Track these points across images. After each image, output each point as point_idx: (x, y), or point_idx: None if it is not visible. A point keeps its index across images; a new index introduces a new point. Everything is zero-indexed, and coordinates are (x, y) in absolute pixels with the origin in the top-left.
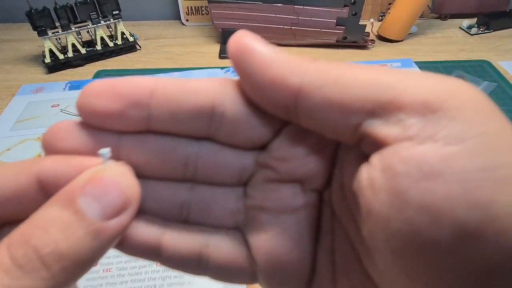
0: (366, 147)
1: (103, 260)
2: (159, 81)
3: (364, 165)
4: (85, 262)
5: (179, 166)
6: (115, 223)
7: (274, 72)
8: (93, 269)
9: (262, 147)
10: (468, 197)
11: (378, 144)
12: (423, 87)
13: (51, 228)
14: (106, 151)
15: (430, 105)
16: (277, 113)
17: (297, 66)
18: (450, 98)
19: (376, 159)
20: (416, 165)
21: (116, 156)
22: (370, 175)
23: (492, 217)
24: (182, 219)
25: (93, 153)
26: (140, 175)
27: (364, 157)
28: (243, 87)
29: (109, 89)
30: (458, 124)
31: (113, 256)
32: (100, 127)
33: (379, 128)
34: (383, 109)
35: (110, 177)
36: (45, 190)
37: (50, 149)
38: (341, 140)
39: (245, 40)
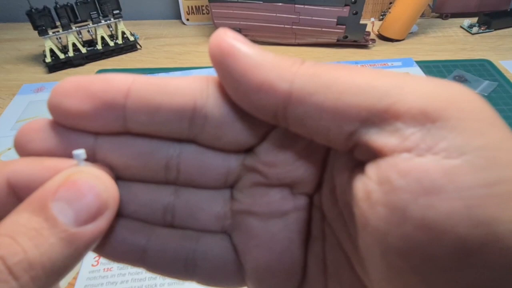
0: (360, 155)
1: (103, 260)
2: (136, 79)
3: (359, 176)
4: (58, 270)
5: (160, 169)
6: (90, 228)
7: (261, 77)
8: (94, 268)
9: (248, 150)
10: (471, 214)
11: (373, 154)
12: (421, 94)
13: (19, 236)
14: (80, 152)
15: (429, 114)
16: (264, 119)
17: (285, 69)
18: (450, 107)
19: (372, 170)
20: (415, 179)
21: (92, 158)
22: (366, 187)
23: (495, 235)
24: (167, 224)
25: (67, 154)
26: (120, 177)
27: (357, 164)
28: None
29: (81, 88)
30: (459, 135)
31: None
32: (74, 128)
33: (375, 137)
34: (379, 117)
35: (85, 180)
36: (16, 194)
37: (21, 150)
38: (333, 147)
39: (228, 41)
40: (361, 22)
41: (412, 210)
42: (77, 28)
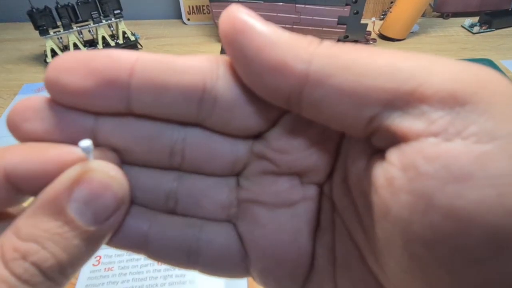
0: (379, 141)
1: (104, 260)
2: (141, 56)
3: (379, 162)
4: (81, 264)
5: (164, 154)
6: (108, 224)
7: (276, 56)
8: (95, 268)
9: (257, 136)
10: (503, 202)
11: (396, 139)
12: (449, 76)
13: (46, 242)
14: (87, 145)
15: (458, 97)
16: (276, 103)
17: (302, 49)
18: (480, 90)
19: (394, 156)
20: (443, 165)
21: (93, 141)
22: (388, 173)
23: None
24: (169, 211)
25: (65, 136)
26: (121, 161)
27: (375, 151)
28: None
29: (82, 63)
30: (490, 119)
31: (115, 255)
32: (73, 107)
33: (398, 121)
34: (403, 100)
35: (100, 179)
36: (14, 185)
37: (15, 130)
38: (349, 133)
39: (241, 17)
40: (362, 21)
41: (440, 198)
42: (78, 28)
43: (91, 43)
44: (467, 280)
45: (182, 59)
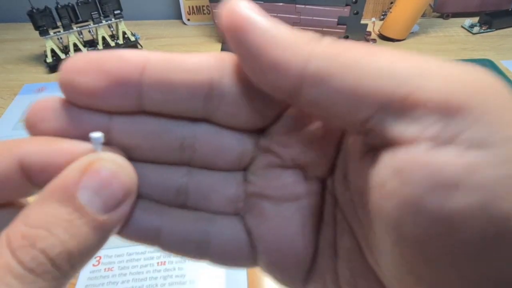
0: (374, 140)
1: (104, 260)
2: (151, 56)
3: (374, 162)
4: (90, 255)
5: (174, 150)
6: (117, 214)
7: (277, 54)
8: (95, 268)
9: (262, 130)
10: (487, 210)
11: (389, 142)
12: (443, 82)
13: (55, 228)
14: (98, 136)
15: (451, 103)
16: (279, 98)
17: (301, 47)
18: (473, 96)
19: (388, 158)
20: (433, 171)
21: (106, 139)
22: (381, 175)
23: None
24: (180, 205)
25: (81, 135)
26: (133, 158)
27: (372, 149)
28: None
29: (95, 64)
30: (483, 126)
31: (115, 255)
32: (87, 107)
33: (392, 126)
34: (397, 105)
35: (109, 169)
36: (27, 175)
37: (33, 129)
38: (347, 130)
39: (242, 11)
40: (362, 22)
41: (428, 202)
42: (78, 28)
43: (91, 44)
44: (454, 280)
45: (190, 57)
